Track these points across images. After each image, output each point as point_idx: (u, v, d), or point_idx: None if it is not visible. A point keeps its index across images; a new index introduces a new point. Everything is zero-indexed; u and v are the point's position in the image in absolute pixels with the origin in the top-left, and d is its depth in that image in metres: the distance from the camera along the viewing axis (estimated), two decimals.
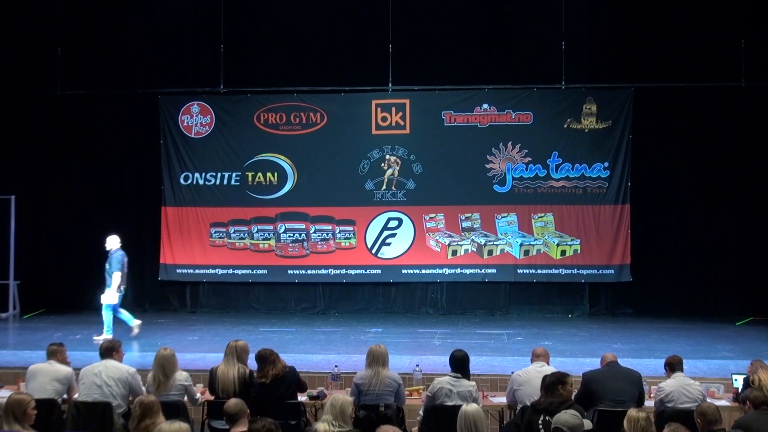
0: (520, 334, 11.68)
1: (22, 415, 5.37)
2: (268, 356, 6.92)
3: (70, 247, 14.21)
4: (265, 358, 6.92)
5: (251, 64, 14.03)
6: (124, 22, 14.03)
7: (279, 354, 7.04)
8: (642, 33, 13.43)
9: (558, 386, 5.85)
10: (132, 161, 14.30)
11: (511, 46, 13.67)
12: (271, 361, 6.90)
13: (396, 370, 7.26)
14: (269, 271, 14.04)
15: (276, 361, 6.90)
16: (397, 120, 13.86)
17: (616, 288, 13.63)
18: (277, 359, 6.93)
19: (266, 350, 6.99)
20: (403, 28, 13.51)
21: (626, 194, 13.54)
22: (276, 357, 6.94)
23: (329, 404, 5.40)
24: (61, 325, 12.35)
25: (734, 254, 13.44)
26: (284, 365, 6.96)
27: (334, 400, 5.42)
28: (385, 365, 6.89)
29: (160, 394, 6.68)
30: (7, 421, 5.32)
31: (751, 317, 12.92)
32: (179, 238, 14.07)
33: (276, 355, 6.96)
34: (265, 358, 6.92)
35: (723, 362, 9.33)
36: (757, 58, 12.98)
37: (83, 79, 13.92)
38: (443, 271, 13.82)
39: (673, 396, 6.58)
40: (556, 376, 6.03)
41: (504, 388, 7.48)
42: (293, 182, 14.02)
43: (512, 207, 13.72)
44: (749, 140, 13.33)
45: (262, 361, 6.93)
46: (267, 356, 6.93)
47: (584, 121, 13.57)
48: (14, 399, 5.47)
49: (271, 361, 6.90)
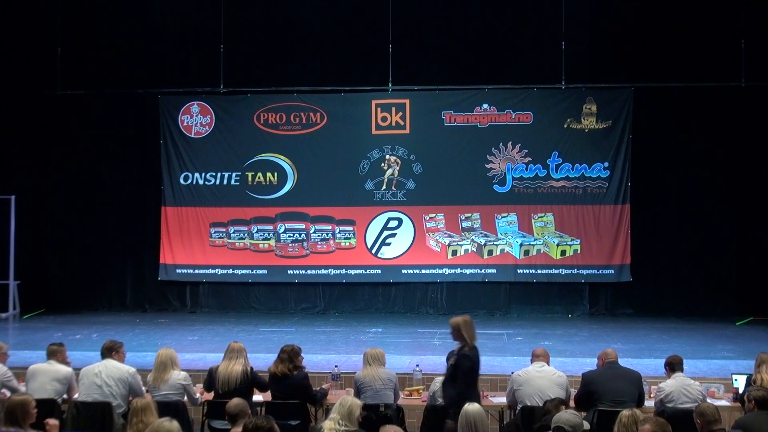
0: (520, 334, 11.68)
1: (25, 416, 5.36)
2: (286, 349, 6.94)
3: (70, 247, 14.21)
4: (283, 350, 6.96)
5: (251, 64, 14.03)
6: (124, 22, 14.03)
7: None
8: (642, 33, 13.44)
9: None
10: (132, 161, 14.29)
11: (511, 46, 13.67)
12: (286, 352, 6.90)
13: (396, 370, 7.32)
14: (269, 271, 14.04)
15: (289, 359, 6.88)
16: (397, 120, 13.86)
17: (616, 288, 13.64)
18: (293, 357, 6.91)
19: (288, 347, 7.01)
20: (403, 28, 13.52)
21: (626, 194, 13.55)
22: (290, 355, 6.91)
23: (338, 404, 5.44)
24: (61, 325, 12.34)
25: (734, 254, 13.44)
26: (296, 366, 6.92)
27: (344, 400, 5.47)
28: (382, 364, 6.99)
29: (156, 387, 6.73)
30: (11, 422, 5.30)
31: (751, 317, 12.92)
32: (179, 238, 14.07)
33: (290, 356, 6.92)
34: (283, 350, 6.96)
35: (723, 362, 9.33)
36: (757, 58, 12.99)
37: (83, 79, 13.93)
38: (443, 271, 13.83)
39: (673, 396, 6.58)
40: (555, 402, 5.96)
41: (504, 388, 7.47)
42: (293, 182, 14.03)
43: (512, 207, 13.72)
44: (749, 140, 13.34)
45: (281, 352, 6.96)
46: (282, 350, 6.96)
47: (584, 121, 13.57)
48: (17, 400, 5.46)
49: (286, 352, 6.90)
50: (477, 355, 6.36)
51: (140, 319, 13.13)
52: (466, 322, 6.41)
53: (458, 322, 6.39)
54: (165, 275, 14.10)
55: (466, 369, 6.23)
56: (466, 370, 6.23)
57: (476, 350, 6.37)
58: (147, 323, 12.74)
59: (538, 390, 6.58)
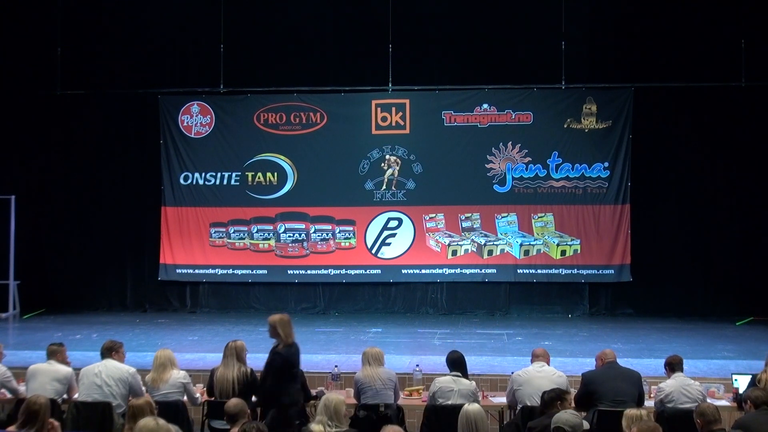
0: (520, 334, 11.68)
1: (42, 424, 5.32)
2: None
3: (70, 247, 14.21)
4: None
5: (251, 64, 14.03)
6: (124, 22, 14.03)
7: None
8: (642, 33, 13.44)
9: (557, 402, 5.74)
10: (132, 161, 14.28)
11: (511, 46, 13.67)
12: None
13: (396, 370, 7.31)
14: (269, 271, 14.04)
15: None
16: (397, 120, 13.86)
17: (616, 288, 13.63)
18: None
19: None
20: (403, 28, 13.52)
21: (626, 194, 13.54)
22: None
23: (322, 405, 5.39)
24: (61, 325, 12.34)
25: (734, 254, 13.43)
26: None
27: (327, 400, 5.41)
28: (381, 364, 6.99)
29: (155, 387, 6.73)
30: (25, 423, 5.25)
31: (751, 317, 12.91)
32: (179, 238, 14.07)
33: None
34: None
35: (723, 362, 9.32)
36: (757, 58, 12.99)
37: (83, 79, 13.93)
38: (443, 271, 13.83)
39: (673, 396, 6.58)
40: (555, 392, 5.87)
41: (504, 388, 7.48)
42: (293, 182, 14.03)
43: (512, 207, 13.72)
44: (749, 140, 13.33)
45: None
46: None
47: (584, 121, 13.57)
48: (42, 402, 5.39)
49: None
50: (292, 352, 6.50)
51: (140, 319, 13.13)
52: (282, 320, 6.57)
53: (275, 320, 6.55)
54: (165, 275, 14.10)
55: (277, 365, 6.45)
56: (278, 366, 6.44)
57: (293, 347, 6.52)
58: (147, 323, 12.73)
59: (538, 390, 6.55)
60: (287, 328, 6.54)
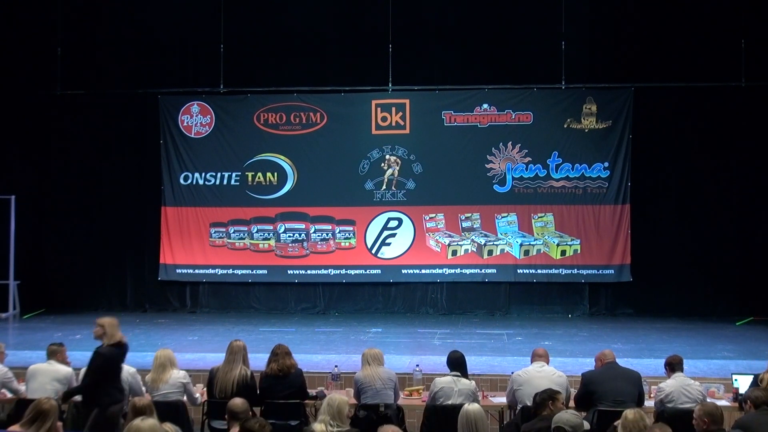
0: (520, 334, 11.68)
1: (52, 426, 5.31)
2: (276, 350, 7.04)
3: (70, 247, 14.21)
4: (274, 351, 7.04)
5: (251, 64, 14.03)
6: (124, 22, 14.04)
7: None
8: (642, 33, 13.44)
9: (548, 402, 5.72)
10: (132, 161, 14.29)
11: (511, 46, 13.67)
12: (276, 353, 6.98)
13: (396, 370, 7.33)
14: (269, 271, 14.04)
15: (282, 358, 6.94)
16: (397, 120, 13.86)
17: (616, 288, 13.64)
18: (285, 356, 6.98)
19: (279, 345, 7.10)
20: (403, 28, 13.53)
21: (626, 194, 13.54)
22: (285, 354, 6.99)
23: (325, 404, 5.40)
24: (61, 325, 12.33)
25: (734, 254, 13.43)
26: (293, 365, 6.98)
27: (331, 400, 5.42)
28: (381, 364, 7.00)
29: (155, 387, 6.75)
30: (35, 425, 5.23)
31: (751, 317, 12.92)
32: (179, 238, 14.07)
33: (285, 353, 7.00)
34: (274, 351, 7.04)
35: (723, 362, 9.33)
36: (757, 58, 12.99)
37: (83, 79, 13.93)
38: (443, 271, 13.83)
39: (673, 396, 6.58)
40: (546, 393, 5.82)
41: (504, 388, 7.48)
42: (293, 182, 14.03)
43: (512, 207, 13.72)
44: (749, 140, 13.33)
45: (271, 353, 7.04)
46: (275, 350, 7.04)
47: (584, 121, 13.57)
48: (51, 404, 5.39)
49: (276, 353, 6.98)
50: (115, 353, 6.55)
51: (140, 319, 13.13)
52: (111, 322, 6.65)
53: (103, 322, 6.64)
54: (165, 275, 14.10)
55: (94, 365, 6.51)
56: (95, 365, 6.50)
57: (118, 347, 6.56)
58: (147, 323, 12.74)
59: (538, 390, 6.56)
60: (113, 329, 6.61)
